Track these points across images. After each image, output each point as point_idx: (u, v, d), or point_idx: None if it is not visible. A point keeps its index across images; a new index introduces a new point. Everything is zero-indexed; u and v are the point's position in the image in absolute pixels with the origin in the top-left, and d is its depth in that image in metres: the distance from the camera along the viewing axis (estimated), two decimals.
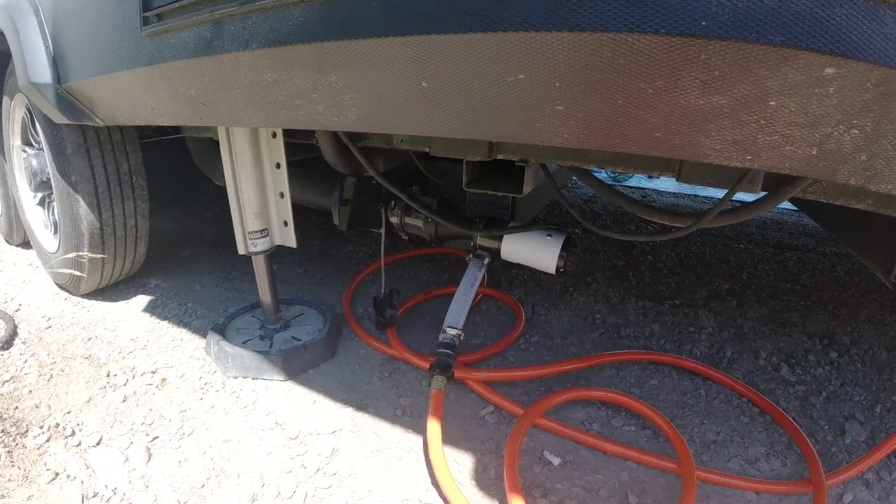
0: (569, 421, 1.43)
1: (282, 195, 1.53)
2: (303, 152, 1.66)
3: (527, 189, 1.23)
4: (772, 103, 0.63)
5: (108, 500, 1.23)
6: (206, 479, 1.28)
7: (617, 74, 0.64)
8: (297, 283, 2.25)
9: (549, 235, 1.45)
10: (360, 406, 1.50)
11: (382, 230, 1.66)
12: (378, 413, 1.47)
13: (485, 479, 1.26)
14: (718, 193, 1.13)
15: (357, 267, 2.38)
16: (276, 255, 2.42)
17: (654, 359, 1.71)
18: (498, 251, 1.54)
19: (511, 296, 2.07)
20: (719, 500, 1.24)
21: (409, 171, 1.66)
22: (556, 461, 1.31)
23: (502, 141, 0.90)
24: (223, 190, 1.56)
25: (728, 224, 1.19)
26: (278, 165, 1.49)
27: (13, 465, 1.32)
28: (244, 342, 1.68)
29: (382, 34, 0.71)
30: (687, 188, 4.28)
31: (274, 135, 1.46)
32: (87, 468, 1.32)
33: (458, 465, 1.31)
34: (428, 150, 1.24)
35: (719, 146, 0.72)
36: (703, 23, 0.57)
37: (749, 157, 0.72)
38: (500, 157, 1.19)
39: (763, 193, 1.10)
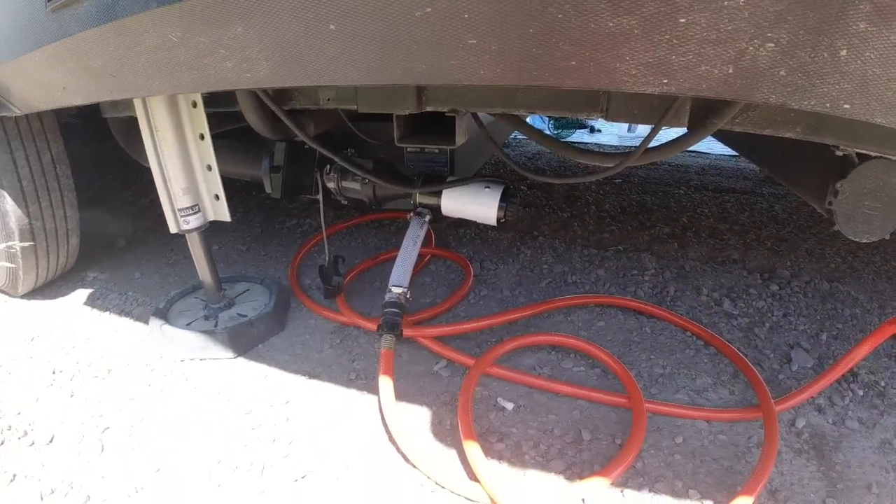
0: (520, 367, 1.46)
1: (209, 168, 1.47)
2: (230, 122, 1.60)
3: (459, 140, 1.22)
4: (682, 20, 0.62)
5: (66, 495, 1.19)
6: (162, 463, 1.25)
7: (524, 1, 0.63)
8: (241, 261, 2.19)
9: (488, 187, 1.45)
10: (312, 374, 1.48)
11: (320, 196, 1.63)
12: (331, 379, 1.46)
13: (441, 430, 1.28)
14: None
15: (302, 239, 2.33)
16: (217, 233, 2.36)
17: (600, 301, 1.76)
18: (438, 207, 1.53)
19: (459, 254, 2.07)
20: (671, 430, 1.29)
21: (343, 134, 1.62)
22: (509, 406, 1.34)
23: (421, 83, 0.88)
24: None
25: (657, 160, 1.20)
26: (202, 136, 1.43)
27: None
28: (188, 324, 1.64)
29: None
30: (628, 140, 4.36)
31: (194, 104, 1.40)
32: (43, 466, 1.28)
33: (414, 419, 1.32)
34: (356, 106, 1.21)
35: (634, 71, 0.72)
36: None
37: (665, 81, 0.72)
38: (429, 108, 1.17)
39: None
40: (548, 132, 4.45)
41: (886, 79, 0.65)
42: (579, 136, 4.45)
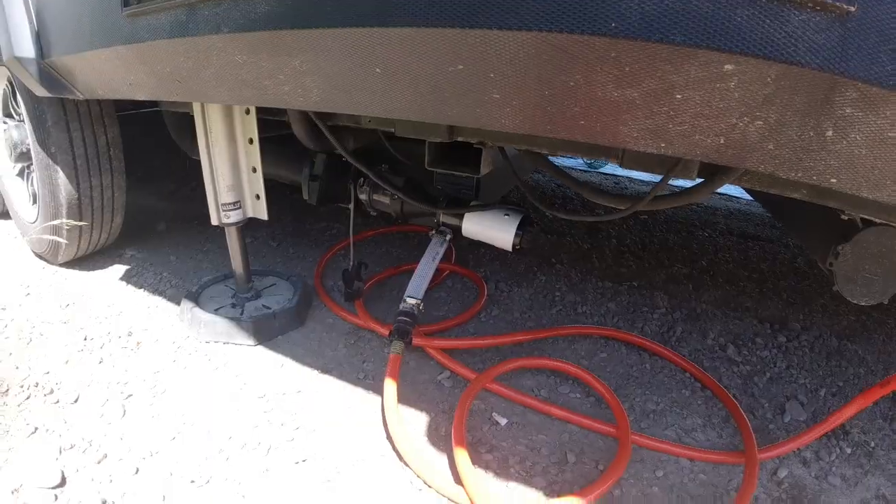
0: (519, 387, 1.54)
1: (254, 170, 1.60)
2: (276, 129, 1.73)
3: (484, 170, 1.32)
4: (678, 96, 0.71)
5: (83, 452, 1.31)
6: (177, 433, 1.37)
7: (542, 68, 0.73)
8: (270, 257, 2.32)
9: (507, 214, 1.54)
10: (325, 369, 1.59)
11: (351, 206, 1.75)
12: (342, 376, 1.57)
13: (436, 435, 1.37)
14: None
15: (330, 242, 2.45)
16: (251, 229, 2.49)
17: (604, 333, 1.82)
18: (460, 228, 1.63)
19: (476, 273, 2.16)
20: (654, 464, 1.35)
21: (379, 151, 1.74)
22: (503, 422, 1.42)
23: (450, 124, 0.98)
24: (199, 165, 1.62)
25: (664, 208, 1.28)
26: (251, 141, 1.56)
27: None
28: (216, 309, 1.76)
29: (339, 25, 0.78)
30: (650, 176, 4.39)
31: (248, 111, 1.53)
32: (65, 423, 1.40)
33: (413, 423, 1.41)
34: (393, 130, 1.32)
35: (636, 134, 0.81)
36: (613, 24, 0.66)
37: (663, 145, 0.81)
38: (459, 139, 1.27)
39: (700, 180, 1.19)
40: (581, 162, 4.53)
41: (872, 158, 0.70)
42: (612, 168, 4.50)
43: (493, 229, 1.55)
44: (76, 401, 1.48)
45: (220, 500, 1.19)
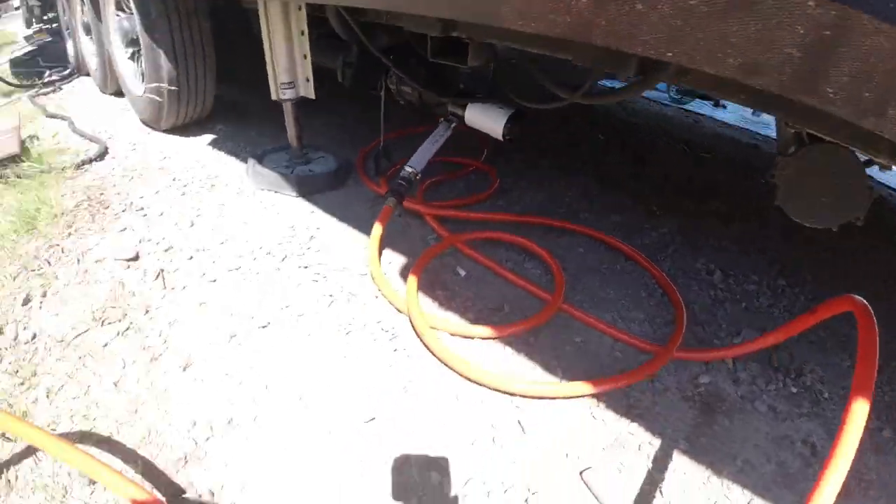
0: (491, 256, 1.81)
1: (305, 56, 1.98)
2: (323, 26, 2.04)
3: (471, 62, 1.54)
4: None
5: (157, 244, 1.83)
6: (226, 239, 1.87)
7: None
8: (328, 139, 2.72)
9: (501, 108, 1.78)
10: (343, 219, 2.02)
11: (382, 93, 2.07)
12: (356, 225, 1.98)
13: (406, 271, 1.74)
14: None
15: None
16: (317, 117, 2.87)
17: (580, 230, 1.99)
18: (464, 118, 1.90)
19: (494, 169, 2.40)
20: (578, 332, 1.50)
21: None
22: (463, 273, 1.75)
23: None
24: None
25: (600, 103, 1.45)
26: (303, 33, 1.93)
27: (94, 223, 1.95)
28: (273, 168, 2.21)
29: None
30: (750, 124, 4.22)
31: (300, 8, 1.88)
32: (148, 228, 1.92)
33: (392, 262, 1.79)
34: (402, 26, 1.56)
35: (512, 16, 0.96)
36: None
37: (533, 24, 0.94)
38: (454, 34, 1.50)
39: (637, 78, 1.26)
40: (668, 97, 4.45)
41: (690, 29, 0.73)
42: (698, 105, 4.37)
43: (488, 120, 1.80)
44: (161, 215, 2.01)
45: (242, 280, 1.67)
